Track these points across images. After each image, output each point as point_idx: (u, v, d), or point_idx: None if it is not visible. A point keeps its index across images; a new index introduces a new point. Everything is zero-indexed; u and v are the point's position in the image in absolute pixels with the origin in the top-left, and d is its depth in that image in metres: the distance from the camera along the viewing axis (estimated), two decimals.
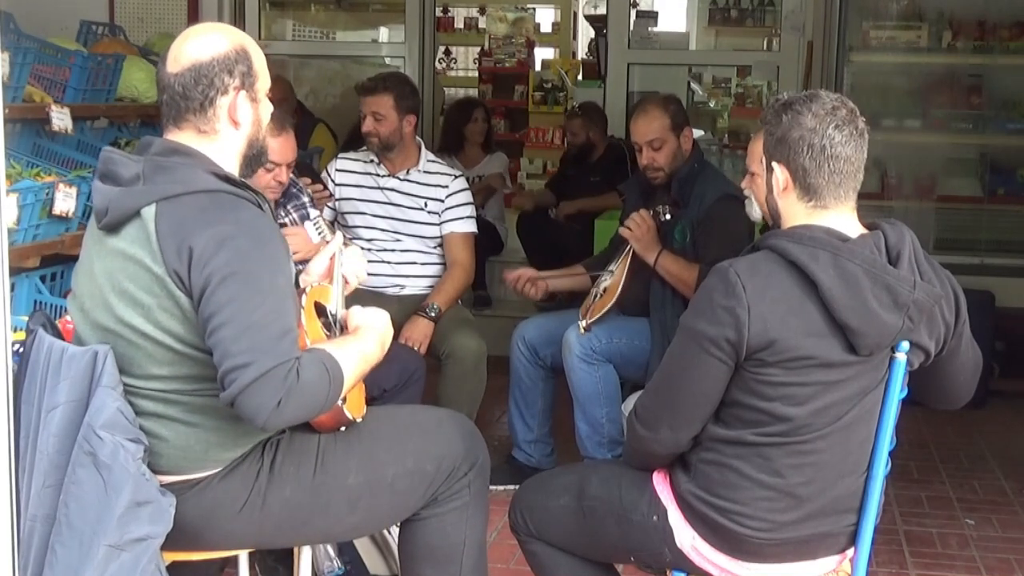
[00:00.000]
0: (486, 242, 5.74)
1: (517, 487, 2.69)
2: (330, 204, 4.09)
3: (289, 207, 3.58)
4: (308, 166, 4.36)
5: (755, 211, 2.37)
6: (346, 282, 2.62)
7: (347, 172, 4.14)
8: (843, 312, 2.09)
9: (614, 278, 3.78)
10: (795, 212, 2.22)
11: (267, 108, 2.31)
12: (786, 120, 2.19)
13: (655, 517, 2.32)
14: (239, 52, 2.23)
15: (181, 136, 2.23)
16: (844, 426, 2.18)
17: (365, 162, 4.13)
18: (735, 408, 2.20)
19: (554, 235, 6.13)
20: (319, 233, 2.88)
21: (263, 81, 2.28)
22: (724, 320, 2.11)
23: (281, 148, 3.36)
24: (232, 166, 2.26)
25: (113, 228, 2.17)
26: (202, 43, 2.22)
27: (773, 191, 2.24)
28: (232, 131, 2.25)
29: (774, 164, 2.22)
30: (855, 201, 2.22)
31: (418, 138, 4.16)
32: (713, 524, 2.24)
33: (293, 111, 5.73)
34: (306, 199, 3.62)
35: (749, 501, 2.20)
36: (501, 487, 3.65)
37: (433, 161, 4.16)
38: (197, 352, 2.13)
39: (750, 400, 2.17)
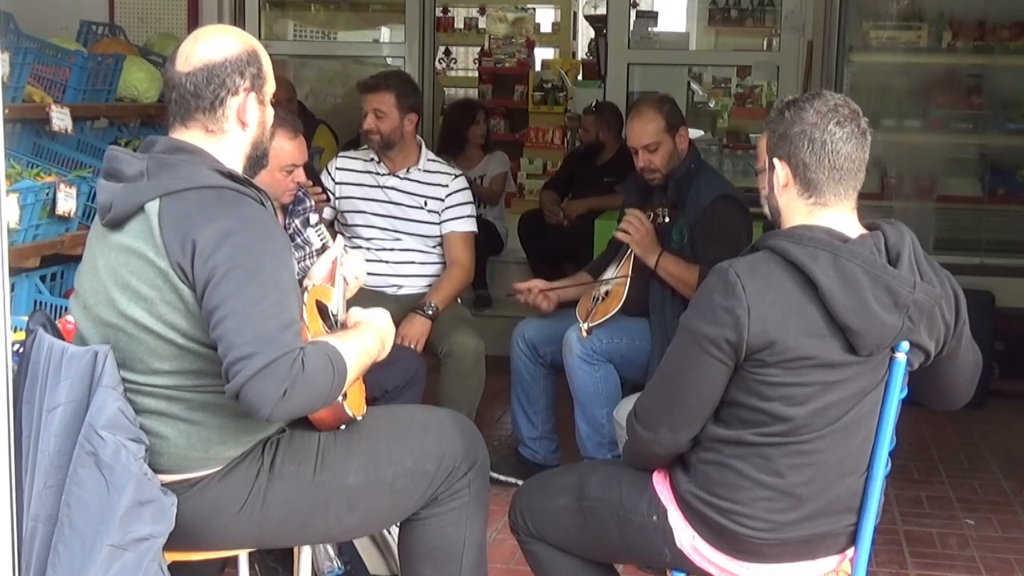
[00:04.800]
0: (486, 242, 5.74)
1: (520, 482, 2.70)
2: (330, 205, 4.09)
3: (296, 210, 3.58)
4: (311, 168, 4.36)
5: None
6: (346, 283, 2.63)
7: (347, 171, 4.14)
8: (843, 313, 2.09)
9: (617, 282, 3.77)
10: (795, 210, 2.23)
11: (271, 112, 2.34)
12: (788, 116, 2.20)
13: (655, 517, 2.32)
14: (251, 54, 2.26)
15: (188, 135, 2.25)
16: (844, 426, 2.18)
17: (365, 160, 4.13)
18: (735, 408, 2.20)
19: (554, 235, 6.13)
20: (320, 239, 2.90)
21: (270, 85, 2.32)
22: (724, 320, 2.11)
23: (299, 149, 3.40)
24: (236, 166, 2.28)
25: (117, 224, 2.19)
26: (214, 44, 2.24)
27: (774, 189, 2.25)
28: (239, 132, 2.27)
29: (775, 161, 2.23)
30: (855, 201, 2.23)
31: (419, 137, 4.16)
32: (713, 524, 2.24)
33: (295, 113, 5.73)
34: (309, 203, 3.62)
35: (749, 501, 2.20)
36: (503, 477, 3.66)
37: (433, 160, 4.16)
38: (199, 347, 2.14)
39: (750, 400, 2.17)
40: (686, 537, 2.29)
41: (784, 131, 2.20)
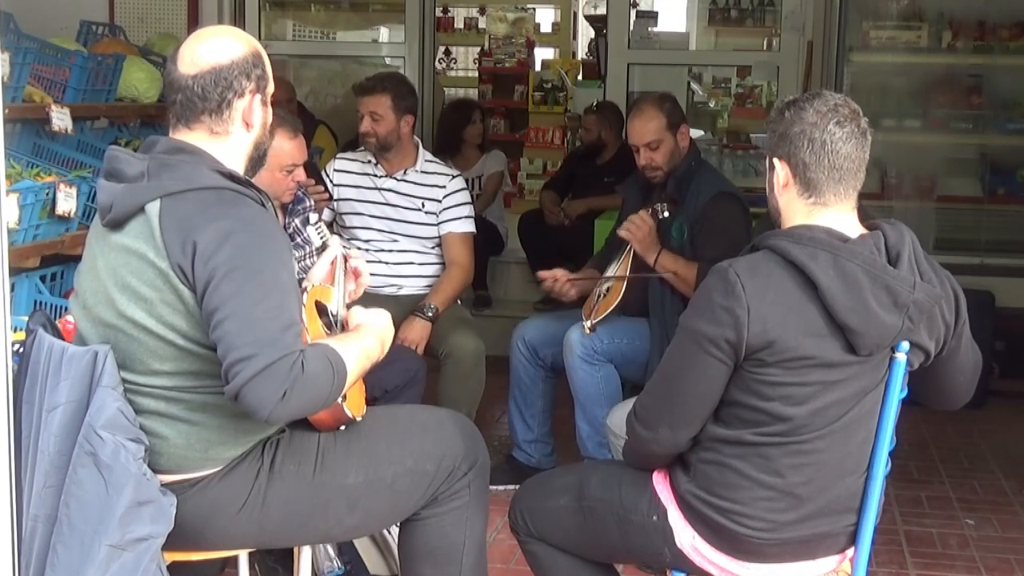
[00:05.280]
0: (487, 242, 5.74)
1: (517, 487, 2.70)
2: (329, 206, 4.09)
3: (296, 210, 3.58)
4: (313, 166, 4.36)
5: None
6: (354, 279, 2.63)
7: (345, 172, 4.14)
8: (843, 313, 2.09)
9: (616, 278, 3.78)
10: (795, 210, 2.23)
11: (270, 112, 2.34)
12: (788, 116, 2.20)
13: (655, 517, 2.32)
14: (255, 56, 2.27)
15: (191, 136, 2.24)
16: (843, 426, 2.18)
17: (363, 162, 4.13)
18: (734, 408, 2.20)
19: (554, 235, 6.13)
20: (320, 237, 2.90)
21: (271, 85, 2.32)
22: (724, 320, 2.11)
23: (299, 149, 3.39)
24: (237, 167, 2.28)
25: (117, 224, 2.19)
26: (220, 46, 2.24)
27: (774, 189, 2.25)
28: (243, 133, 2.28)
29: (775, 161, 2.23)
30: (855, 201, 2.22)
31: (416, 138, 4.16)
32: (713, 524, 2.24)
33: (295, 113, 5.73)
34: (308, 203, 3.63)
35: (749, 501, 2.20)
36: (501, 487, 3.66)
37: (431, 161, 4.15)
38: (199, 348, 2.14)
39: (749, 400, 2.17)
40: (686, 537, 2.29)
41: (784, 131, 2.20)
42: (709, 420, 2.24)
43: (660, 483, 2.35)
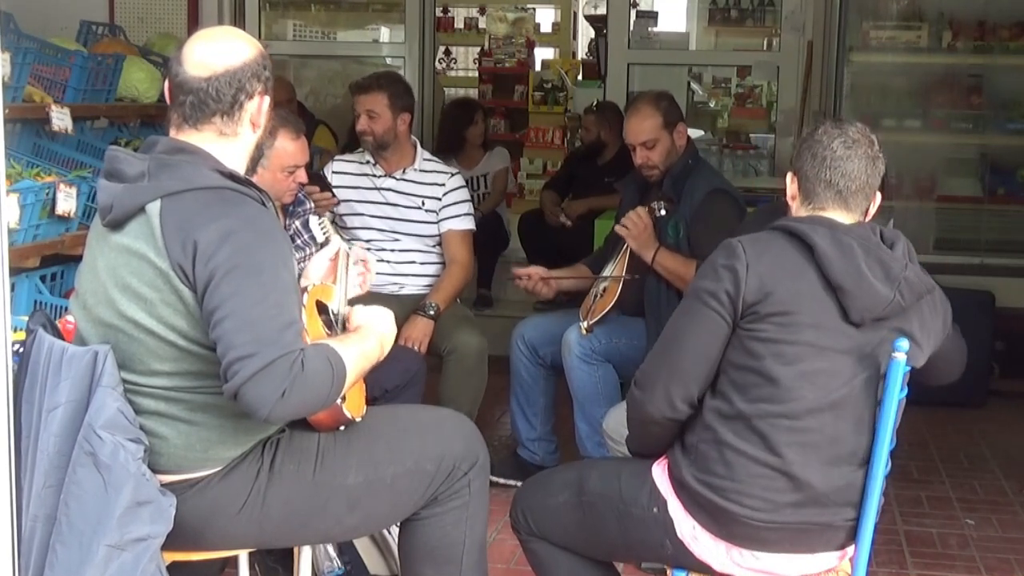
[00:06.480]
0: (492, 237, 5.73)
1: (520, 484, 2.70)
2: (330, 209, 4.08)
3: (296, 211, 3.58)
4: (316, 174, 4.35)
5: None
6: (364, 271, 2.64)
7: (343, 174, 4.14)
8: (837, 273, 2.21)
9: (613, 278, 3.78)
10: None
11: (270, 112, 2.34)
12: (805, 134, 2.41)
13: (655, 509, 2.35)
14: (263, 57, 2.28)
15: (198, 137, 2.24)
16: (832, 405, 2.24)
17: (361, 163, 4.13)
18: (729, 371, 2.28)
19: (554, 235, 6.13)
20: (324, 233, 2.90)
21: (273, 85, 2.31)
22: (724, 276, 2.26)
23: (302, 150, 3.39)
24: (240, 167, 2.28)
25: (117, 225, 2.19)
26: (230, 48, 2.24)
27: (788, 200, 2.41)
28: (250, 133, 2.29)
29: (789, 173, 2.40)
30: (861, 217, 2.34)
31: (413, 137, 4.16)
32: (711, 507, 2.27)
33: (295, 113, 5.73)
34: (309, 204, 3.63)
35: (747, 479, 2.25)
36: (503, 480, 3.67)
37: (429, 160, 4.15)
38: (199, 348, 2.15)
39: (742, 359, 2.26)
40: (687, 527, 2.32)
41: (799, 146, 2.39)
42: (707, 394, 2.30)
43: (660, 475, 2.38)
